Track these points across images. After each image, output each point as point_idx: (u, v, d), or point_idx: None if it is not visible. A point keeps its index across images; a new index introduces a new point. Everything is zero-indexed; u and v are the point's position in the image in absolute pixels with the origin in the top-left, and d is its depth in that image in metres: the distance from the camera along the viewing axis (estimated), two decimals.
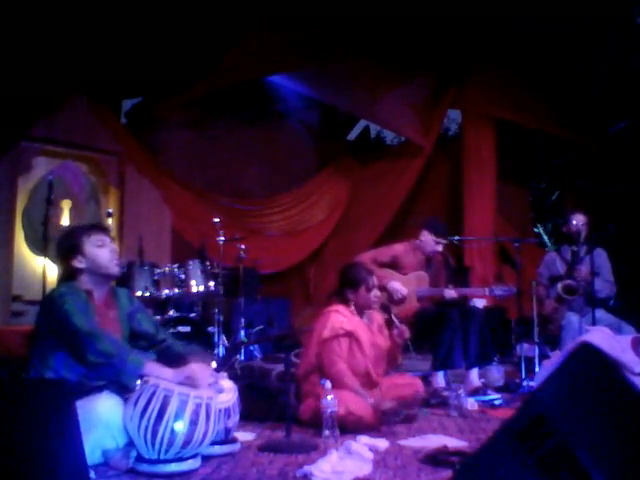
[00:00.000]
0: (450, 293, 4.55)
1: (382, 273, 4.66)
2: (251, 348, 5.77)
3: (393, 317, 3.66)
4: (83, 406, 2.32)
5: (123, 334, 2.87)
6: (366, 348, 3.48)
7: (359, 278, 3.57)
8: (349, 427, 3.11)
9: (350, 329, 3.43)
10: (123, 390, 2.60)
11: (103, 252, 2.78)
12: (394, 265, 4.74)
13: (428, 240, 4.72)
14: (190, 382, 2.54)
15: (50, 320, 2.62)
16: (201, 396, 2.46)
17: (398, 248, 4.81)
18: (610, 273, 4.90)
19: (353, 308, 3.59)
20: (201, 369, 2.62)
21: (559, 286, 4.81)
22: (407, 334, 3.61)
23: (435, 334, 4.35)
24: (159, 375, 2.51)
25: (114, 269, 2.82)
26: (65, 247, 2.78)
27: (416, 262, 4.75)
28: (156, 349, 2.91)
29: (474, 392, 4.20)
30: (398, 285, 4.59)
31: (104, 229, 2.91)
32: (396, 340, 3.62)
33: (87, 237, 2.78)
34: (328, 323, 3.41)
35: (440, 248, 4.74)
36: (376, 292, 3.60)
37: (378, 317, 3.76)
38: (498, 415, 3.70)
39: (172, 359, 2.73)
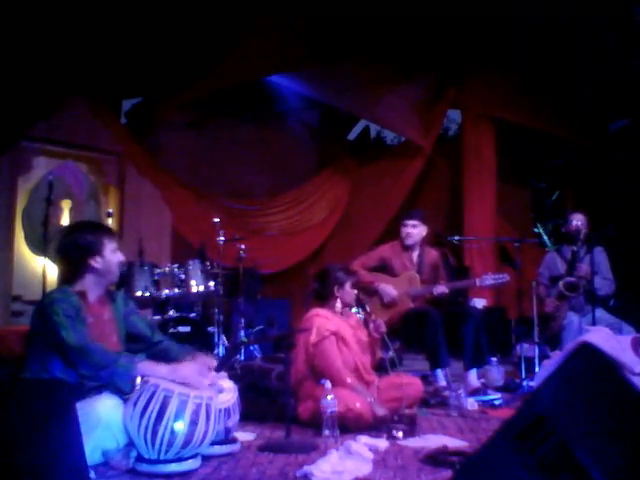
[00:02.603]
0: (439, 289, 4.54)
1: (371, 277, 4.67)
2: (251, 348, 5.77)
3: (369, 311, 3.75)
4: (83, 407, 2.32)
5: (119, 335, 2.87)
6: (352, 344, 3.54)
7: (345, 275, 3.69)
8: (349, 425, 3.11)
9: (334, 329, 3.47)
10: (122, 391, 2.60)
11: (116, 259, 2.84)
12: (384, 268, 4.74)
13: (404, 228, 4.74)
14: (186, 382, 2.56)
15: (43, 326, 2.63)
16: (201, 396, 2.46)
17: (384, 249, 4.83)
18: (609, 271, 4.91)
19: (337, 307, 3.64)
20: (197, 372, 2.62)
21: (560, 283, 4.82)
22: (383, 328, 3.66)
23: (421, 334, 4.35)
24: (153, 372, 2.51)
25: (116, 278, 2.92)
26: (86, 243, 2.78)
27: (405, 262, 4.75)
28: (152, 351, 2.91)
29: (474, 392, 4.20)
30: (388, 288, 4.59)
31: (116, 236, 2.98)
32: (373, 335, 3.68)
33: (108, 241, 2.82)
34: (313, 328, 3.44)
35: (411, 229, 4.73)
36: (354, 289, 3.73)
37: (352, 315, 3.85)
38: (498, 415, 3.70)
39: (170, 359, 2.74)
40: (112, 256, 2.81)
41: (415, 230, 4.74)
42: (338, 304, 3.65)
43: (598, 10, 5.89)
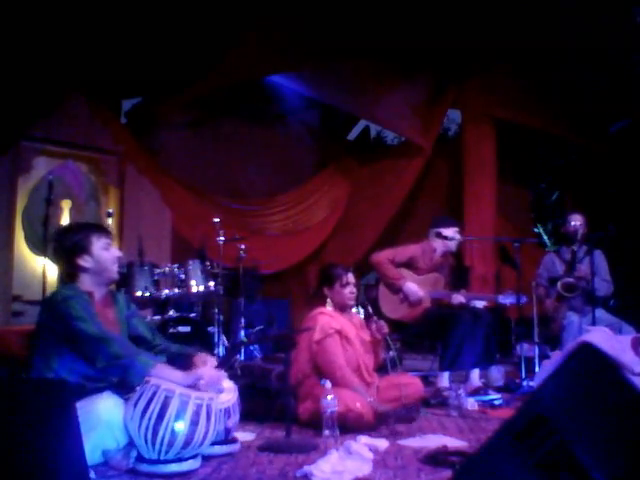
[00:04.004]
0: (458, 298, 4.56)
1: (398, 274, 4.68)
2: (251, 348, 5.77)
3: (371, 312, 3.73)
4: (83, 406, 2.32)
5: (122, 336, 2.86)
6: (355, 343, 3.53)
7: (334, 274, 3.64)
8: (349, 424, 3.11)
9: (338, 327, 3.47)
10: (124, 390, 2.60)
11: (108, 255, 2.79)
12: (409, 265, 4.76)
13: (450, 234, 4.76)
14: (201, 383, 2.56)
15: (53, 323, 2.62)
16: (202, 397, 2.46)
17: (415, 249, 4.83)
18: (607, 273, 4.92)
19: (329, 307, 3.61)
20: (212, 373, 2.65)
21: (558, 284, 4.83)
22: (386, 329, 3.67)
23: (444, 335, 4.35)
24: (169, 377, 2.50)
25: (115, 274, 2.85)
26: (72, 244, 2.75)
27: (431, 263, 4.78)
28: (154, 353, 2.90)
29: (474, 392, 4.21)
30: (414, 287, 4.61)
31: (109, 232, 2.92)
32: (376, 336, 3.67)
33: (96, 238, 2.77)
34: (317, 326, 3.43)
35: (459, 237, 4.82)
36: (351, 288, 3.64)
37: (357, 316, 3.85)
38: (498, 415, 3.70)
39: (177, 361, 2.74)
40: (103, 252, 2.76)
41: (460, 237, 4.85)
42: (329, 304, 3.62)
43: (598, 10, 5.88)
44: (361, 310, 4.00)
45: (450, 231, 4.78)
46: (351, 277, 3.65)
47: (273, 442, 2.95)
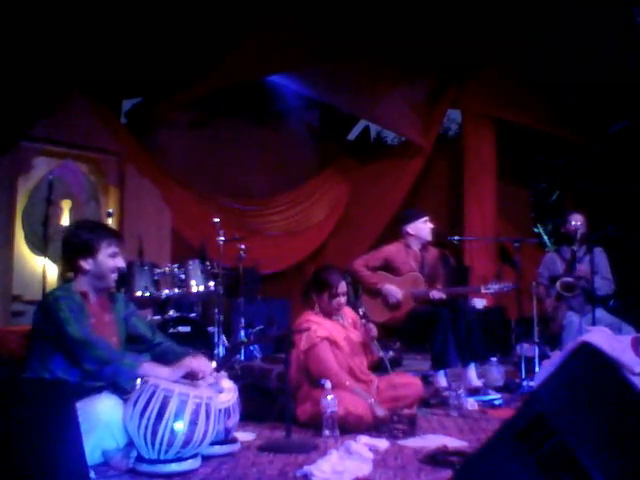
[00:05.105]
0: (437, 295, 4.53)
1: (375, 278, 4.66)
2: (251, 348, 5.77)
3: (360, 315, 3.70)
4: (83, 407, 2.32)
5: (120, 337, 2.86)
6: (343, 346, 3.51)
7: (326, 283, 3.56)
8: (349, 427, 3.11)
9: (324, 334, 3.43)
10: (122, 391, 2.60)
11: (111, 264, 2.76)
12: (388, 267, 4.73)
13: (417, 227, 4.73)
14: (191, 375, 2.56)
15: (46, 324, 2.62)
16: (201, 396, 2.46)
17: (389, 249, 4.81)
18: (608, 271, 4.92)
19: (316, 311, 3.58)
20: (200, 361, 2.65)
21: (557, 283, 4.83)
22: (374, 332, 3.63)
23: (428, 334, 4.33)
24: (156, 374, 2.52)
25: (111, 283, 2.82)
26: (80, 242, 2.73)
27: (410, 261, 4.74)
28: (152, 352, 2.90)
29: (474, 392, 4.20)
30: (393, 289, 4.58)
31: (121, 241, 2.86)
32: (364, 338, 3.65)
33: (106, 245, 2.74)
34: (303, 336, 3.41)
35: (430, 225, 4.75)
36: (339, 300, 3.57)
37: (350, 313, 3.78)
38: (498, 415, 3.69)
39: (170, 360, 2.73)
40: (107, 260, 2.74)
41: (432, 225, 4.78)
42: (317, 309, 3.58)
43: (598, 10, 5.89)
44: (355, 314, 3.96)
45: (419, 223, 4.75)
46: (343, 287, 3.57)
47: (273, 442, 2.94)
